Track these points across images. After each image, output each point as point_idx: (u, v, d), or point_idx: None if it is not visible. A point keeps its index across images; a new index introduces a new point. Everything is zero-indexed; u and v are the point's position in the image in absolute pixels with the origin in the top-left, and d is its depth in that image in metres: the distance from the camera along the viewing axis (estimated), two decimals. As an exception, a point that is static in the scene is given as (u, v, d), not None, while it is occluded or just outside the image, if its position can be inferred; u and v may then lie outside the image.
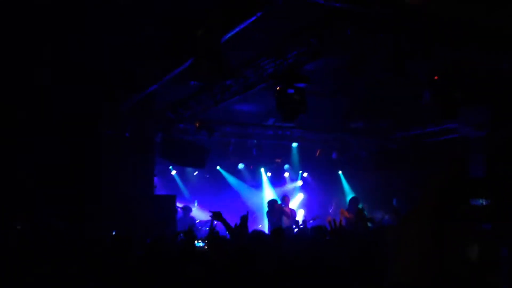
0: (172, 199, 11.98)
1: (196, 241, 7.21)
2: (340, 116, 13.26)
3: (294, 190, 17.12)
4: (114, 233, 8.90)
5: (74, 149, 10.45)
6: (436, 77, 8.55)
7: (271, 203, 12.72)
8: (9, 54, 8.83)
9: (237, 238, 5.94)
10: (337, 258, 4.71)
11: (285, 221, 12.39)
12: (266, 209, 13.14)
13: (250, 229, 6.36)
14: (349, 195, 15.32)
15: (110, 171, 10.95)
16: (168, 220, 11.43)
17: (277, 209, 12.51)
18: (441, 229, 2.50)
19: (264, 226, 14.29)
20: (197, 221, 13.79)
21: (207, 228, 12.08)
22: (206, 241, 7.28)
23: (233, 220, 6.40)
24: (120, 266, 5.44)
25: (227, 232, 6.57)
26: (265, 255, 5.23)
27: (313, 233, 7.31)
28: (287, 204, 12.93)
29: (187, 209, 14.01)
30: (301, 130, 14.50)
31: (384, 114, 13.14)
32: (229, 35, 6.65)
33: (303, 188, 17.25)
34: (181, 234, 6.98)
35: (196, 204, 15.51)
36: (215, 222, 6.38)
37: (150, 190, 11.96)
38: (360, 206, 12.45)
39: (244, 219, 6.15)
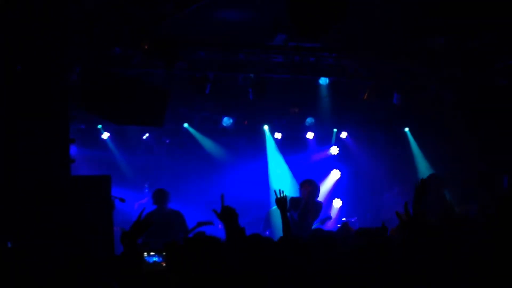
0: (104, 184, 9.78)
1: (146, 254, 6.18)
2: (407, 27, 11.01)
3: (324, 163, 15.50)
4: (10, 245, 7.80)
5: None
6: None
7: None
8: None
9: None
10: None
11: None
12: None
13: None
14: (424, 171, 14.05)
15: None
16: (96, 221, 9.14)
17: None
18: None
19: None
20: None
21: None
22: (165, 253, 6.28)
23: (210, 217, 6.79)
24: None
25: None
26: None
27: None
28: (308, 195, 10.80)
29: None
30: (335, 54, 12.30)
31: (484, 23, 10.59)
32: None
33: (339, 159, 15.52)
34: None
35: (147, 189, 13.99)
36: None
37: (63, 169, 9.93)
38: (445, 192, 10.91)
39: (228, 214, 5.59)
